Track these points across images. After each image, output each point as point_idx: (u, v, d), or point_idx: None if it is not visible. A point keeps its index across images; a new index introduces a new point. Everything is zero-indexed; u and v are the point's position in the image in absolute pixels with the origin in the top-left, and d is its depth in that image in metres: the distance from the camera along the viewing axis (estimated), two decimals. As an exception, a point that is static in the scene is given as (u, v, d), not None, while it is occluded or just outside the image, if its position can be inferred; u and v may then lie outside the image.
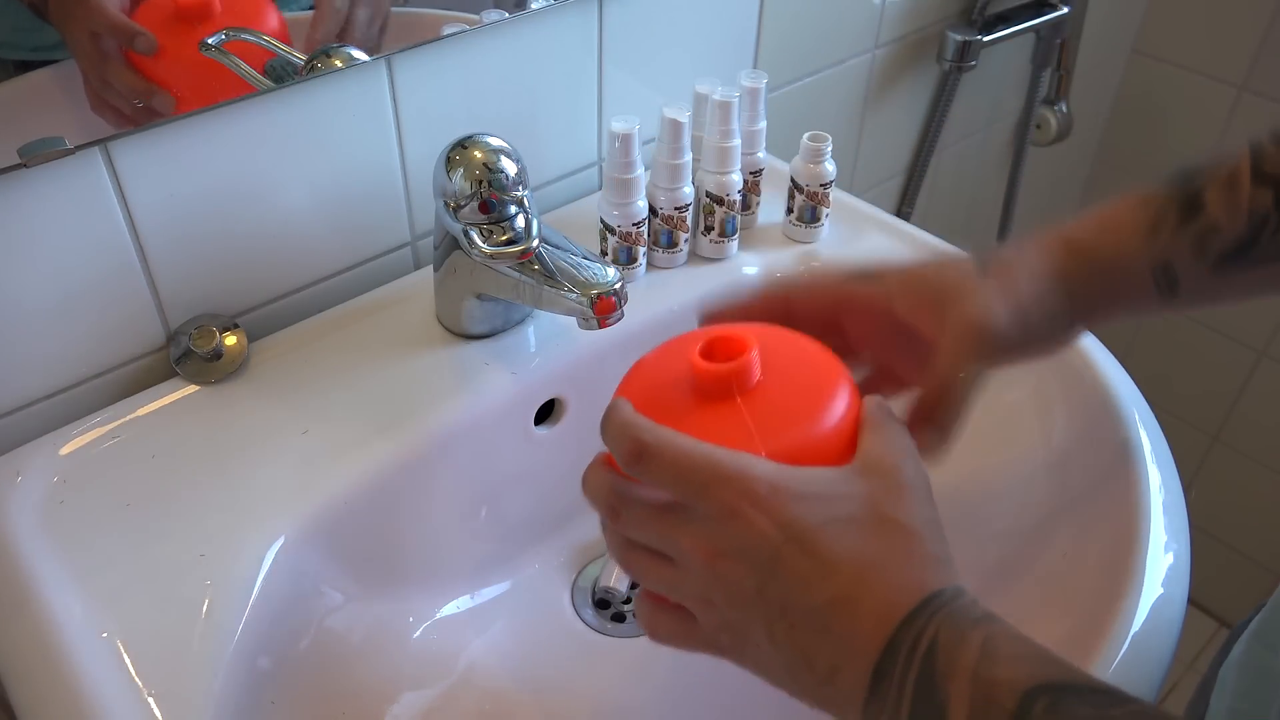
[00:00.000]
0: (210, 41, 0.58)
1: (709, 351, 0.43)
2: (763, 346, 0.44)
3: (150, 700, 0.46)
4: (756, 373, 0.43)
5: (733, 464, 0.38)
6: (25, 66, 0.54)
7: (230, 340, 0.63)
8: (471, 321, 0.65)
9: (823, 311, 0.50)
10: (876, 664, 0.36)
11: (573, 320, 0.59)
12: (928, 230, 0.79)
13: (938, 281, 0.48)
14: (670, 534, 0.39)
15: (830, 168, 0.74)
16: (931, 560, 0.38)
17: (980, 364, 0.46)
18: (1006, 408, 0.66)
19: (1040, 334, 0.48)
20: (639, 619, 0.43)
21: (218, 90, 0.59)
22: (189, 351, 0.62)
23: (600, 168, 0.81)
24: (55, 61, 0.54)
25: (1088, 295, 0.49)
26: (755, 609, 0.38)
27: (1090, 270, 0.49)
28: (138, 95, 0.56)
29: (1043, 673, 0.34)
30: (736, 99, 0.69)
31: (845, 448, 0.42)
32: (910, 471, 0.40)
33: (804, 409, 0.42)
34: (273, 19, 0.61)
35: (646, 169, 0.69)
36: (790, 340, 0.47)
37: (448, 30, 0.66)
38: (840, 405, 0.42)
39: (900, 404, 0.46)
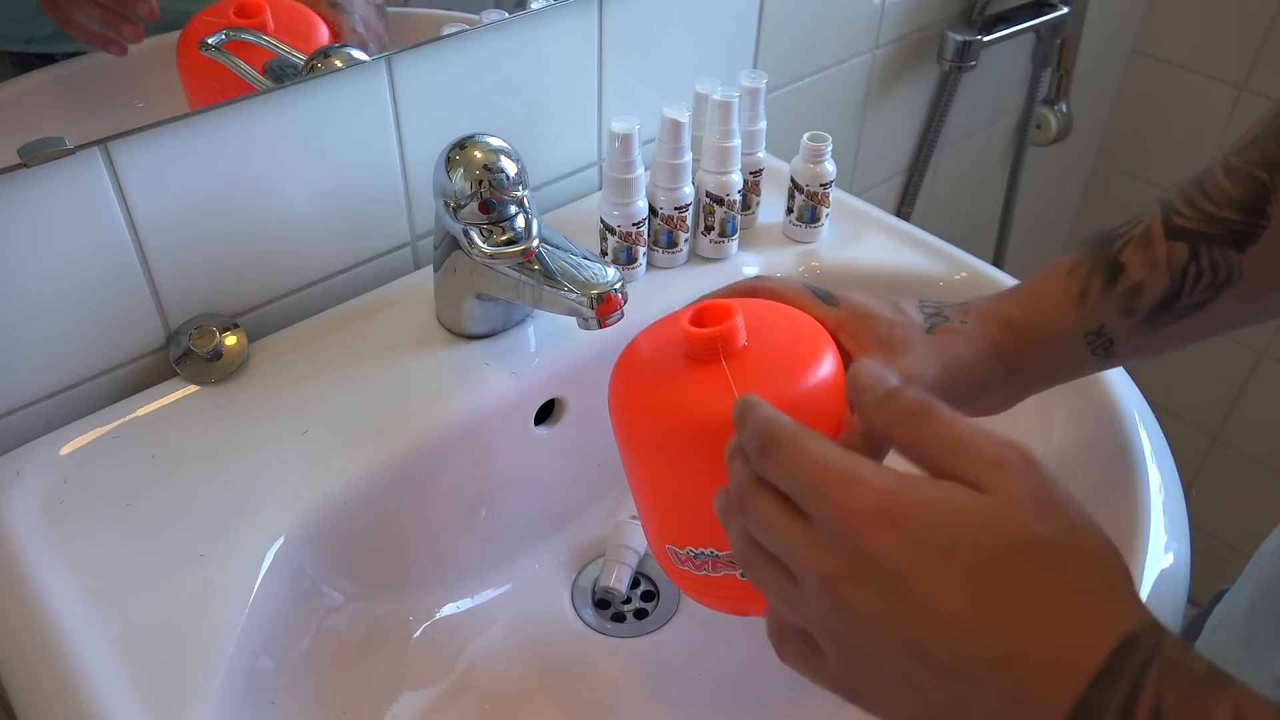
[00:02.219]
0: (210, 41, 0.58)
1: (698, 319, 0.47)
2: (752, 317, 0.48)
3: (150, 700, 0.46)
4: (742, 338, 0.46)
5: (841, 466, 0.33)
6: (22, 62, 0.54)
7: (230, 340, 0.63)
8: (471, 321, 0.65)
9: None
10: None
11: (573, 320, 0.59)
12: (928, 230, 0.79)
13: (886, 327, 0.50)
14: (790, 541, 0.34)
15: (830, 168, 0.74)
16: (1110, 587, 0.31)
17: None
18: (1006, 408, 0.66)
19: (969, 398, 0.51)
20: (768, 633, 0.39)
21: (218, 90, 0.59)
22: (189, 351, 0.62)
23: (600, 168, 0.81)
24: (51, 55, 0.54)
25: (1024, 369, 0.52)
26: (885, 643, 0.32)
27: (1025, 347, 0.52)
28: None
29: None
30: (736, 99, 0.69)
31: (828, 412, 0.45)
32: (1045, 464, 0.33)
33: (786, 372, 0.45)
34: (322, 36, 0.62)
35: (646, 169, 0.69)
36: (779, 312, 0.50)
37: (448, 30, 0.66)
38: (822, 370, 0.46)
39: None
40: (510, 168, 0.58)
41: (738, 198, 0.72)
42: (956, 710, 0.31)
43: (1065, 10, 1.13)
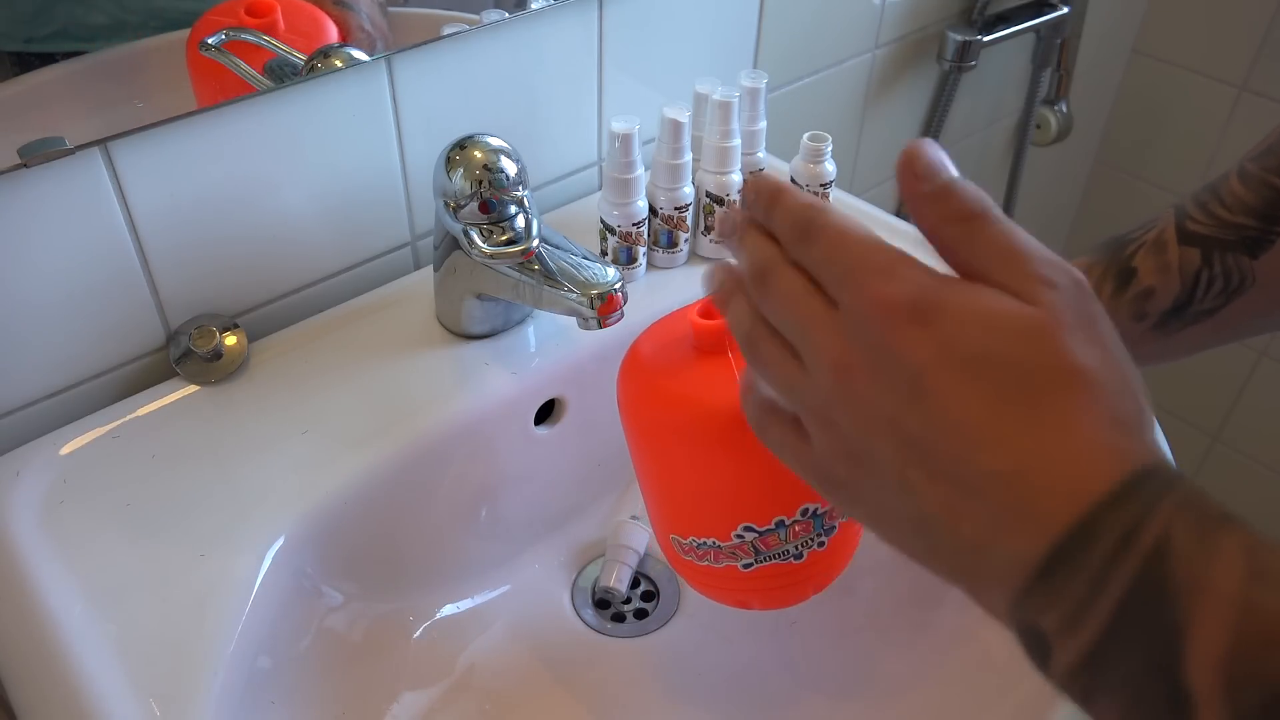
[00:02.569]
0: (210, 41, 0.58)
1: (706, 312, 0.49)
2: None
3: (150, 700, 0.46)
4: None
5: (884, 257, 0.32)
6: (22, 62, 0.54)
7: (230, 340, 0.63)
8: (471, 321, 0.65)
9: None
10: (1055, 547, 0.28)
11: (573, 320, 0.59)
12: (928, 230, 0.79)
13: None
14: (811, 323, 0.33)
15: (830, 168, 0.74)
16: (1139, 425, 0.30)
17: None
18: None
19: None
20: (747, 416, 0.37)
21: (227, 89, 0.59)
22: (189, 351, 0.62)
23: (600, 168, 0.81)
24: (51, 55, 0.54)
25: None
26: (887, 440, 0.31)
27: None
28: None
29: None
30: (736, 99, 0.68)
31: None
32: (1093, 293, 0.31)
33: None
34: (331, 35, 0.62)
35: (646, 169, 0.69)
36: None
37: (448, 30, 0.66)
38: None
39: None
40: (510, 168, 0.58)
41: (738, 198, 0.72)
42: (944, 517, 0.30)
43: (1065, 10, 1.13)
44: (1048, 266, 0.31)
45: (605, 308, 0.57)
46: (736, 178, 0.71)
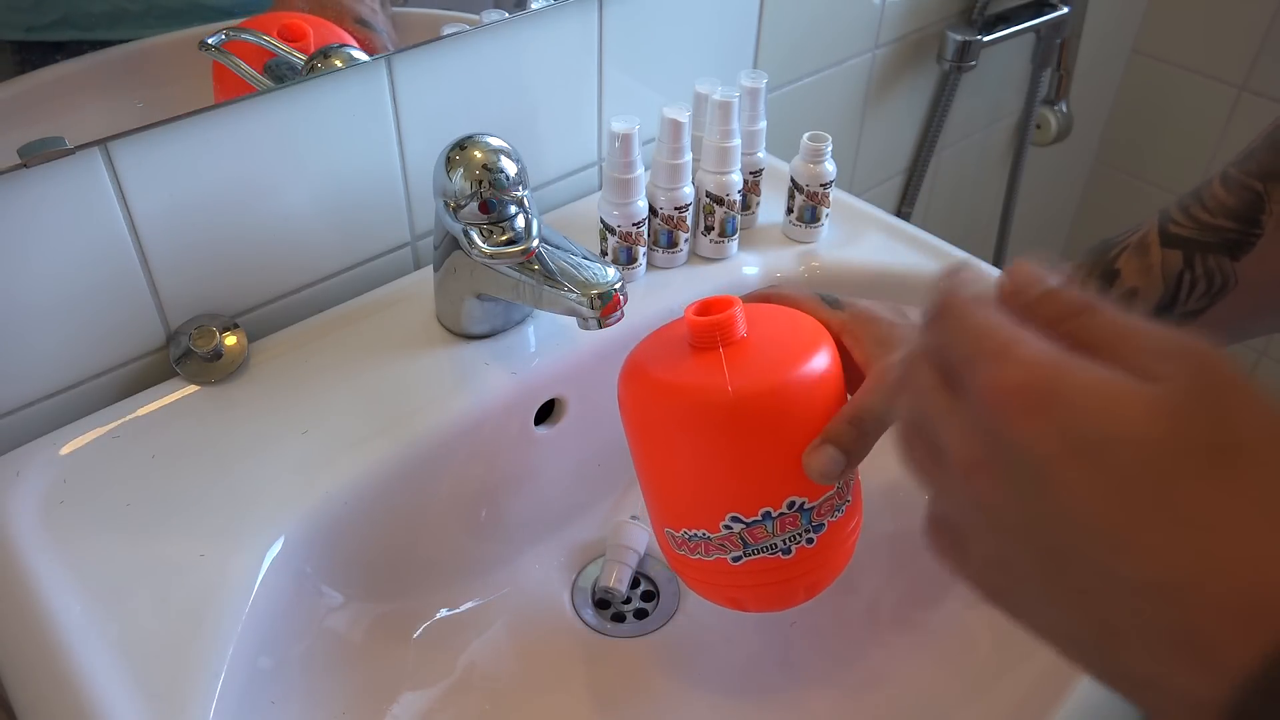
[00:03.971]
0: (210, 41, 0.58)
1: (702, 309, 0.51)
2: (757, 315, 0.52)
3: (150, 700, 0.46)
4: (741, 328, 0.50)
5: (999, 337, 0.28)
6: (23, 50, 0.54)
7: (230, 340, 0.63)
8: (471, 321, 0.65)
9: None
10: (1241, 701, 0.23)
11: (573, 320, 0.59)
12: (927, 230, 0.79)
13: (886, 328, 0.52)
14: (937, 419, 0.30)
15: (830, 168, 0.74)
16: None
17: (895, 407, 0.47)
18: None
19: None
20: (924, 523, 0.33)
21: (217, 90, 0.59)
22: (189, 351, 0.62)
23: (600, 168, 0.81)
24: (52, 44, 0.54)
25: None
26: (1025, 548, 0.27)
27: None
28: None
29: None
30: (736, 99, 0.68)
31: (819, 401, 0.49)
32: (1231, 360, 0.27)
33: (780, 362, 0.49)
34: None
35: (646, 169, 0.69)
36: (785, 313, 0.54)
37: (448, 30, 0.66)
38: (815, 362, 0.49)
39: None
40: (510, 168, 0.58)
41: (738, 198, 0.72)
42: (1101, 642, 0.26)
43: (1065, 10, 1.13)
44: (1169, 339, 0.27)
45: (606, 308, 0.57)
46: (736, 178, 0.71)
